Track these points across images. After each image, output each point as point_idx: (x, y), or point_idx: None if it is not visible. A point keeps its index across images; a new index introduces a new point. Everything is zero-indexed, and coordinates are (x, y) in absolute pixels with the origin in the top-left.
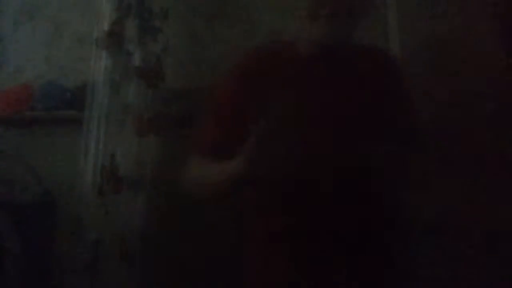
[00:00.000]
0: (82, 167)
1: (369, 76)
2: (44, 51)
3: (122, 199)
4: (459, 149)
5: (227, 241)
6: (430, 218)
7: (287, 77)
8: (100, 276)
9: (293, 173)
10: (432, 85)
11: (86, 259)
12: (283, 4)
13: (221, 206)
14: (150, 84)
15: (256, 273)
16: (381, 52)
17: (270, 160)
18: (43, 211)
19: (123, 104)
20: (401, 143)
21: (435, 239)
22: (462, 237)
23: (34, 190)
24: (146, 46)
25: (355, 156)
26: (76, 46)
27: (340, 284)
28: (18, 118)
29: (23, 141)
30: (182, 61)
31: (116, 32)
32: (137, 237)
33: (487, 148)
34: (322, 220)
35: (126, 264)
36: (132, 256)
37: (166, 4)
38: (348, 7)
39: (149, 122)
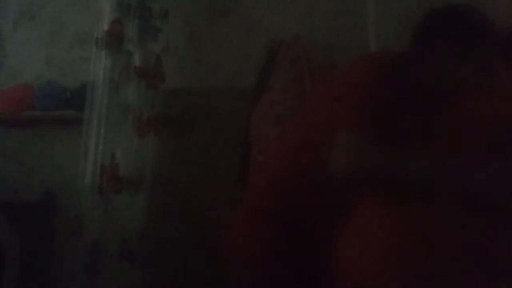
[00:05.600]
0: (82, 167)
1: None
2: (44, 51)
3: (122, 199)
4: None
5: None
6: None
7: None
8: (100, 276)
9: None
10: None
11: (86, 259)
12: (283, 4)
13: (221, 206)
14: (150, 84)
15: None
16: None
17: None
18: (43, 211)
19: (123, 104)
20: None
21: None
22: None
23: (34, 190)
24: (146, 46)
25: None
26: (76, 46)
27: None
28: (18, 118)
29: (23, 141)
30: (182, 61)
31: (116, 32)
32: (137, 237)
33: None
34: None
35: (126, 264)
36: (132, 256)
37: (166, 4)
38: None
39: (149, 122)
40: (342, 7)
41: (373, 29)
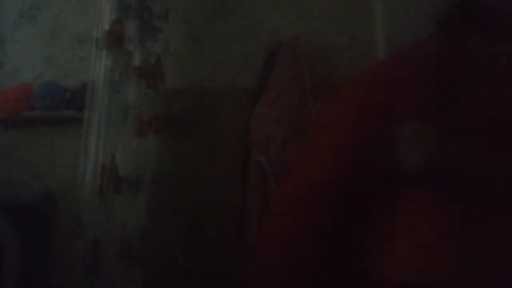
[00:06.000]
0: (82, 167)
1: None
2: (44, 51)
3: (122, 199)
4: None
5: (227, 241)
6: None
7: None
8: (100, 276)
9: None
10: None
11: (86, 259)
12: (283, 4)
13: (221, 205)
14: (150, 84)
15: None
16: None
17: None
18: (43, 211)
19: (123, 104)
20: None
21: None
22: None
23: (34, 190)
24: (146, 46)
25: None
26: (76, 46)
27: None
28: (18, 118)
29: (23, 141)
30: (182, 61)
31: (116, 32)
32: (137, 237)
33: None
34: None
35: (126, 264)
36: (132, 256)
37: (166, 4)
38: None
39: (149, 122)
40: (343, 7)
41: (380, 27)
